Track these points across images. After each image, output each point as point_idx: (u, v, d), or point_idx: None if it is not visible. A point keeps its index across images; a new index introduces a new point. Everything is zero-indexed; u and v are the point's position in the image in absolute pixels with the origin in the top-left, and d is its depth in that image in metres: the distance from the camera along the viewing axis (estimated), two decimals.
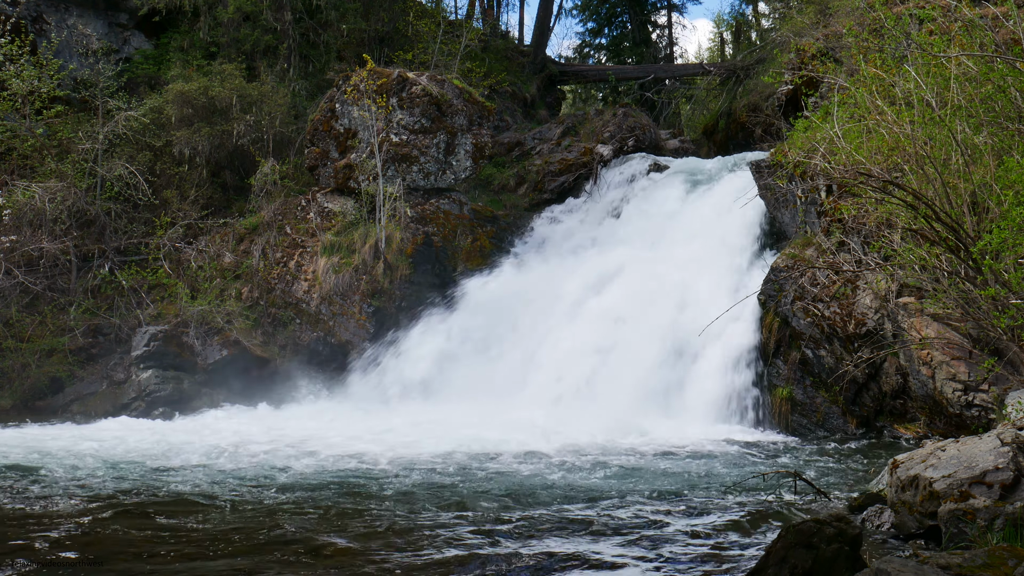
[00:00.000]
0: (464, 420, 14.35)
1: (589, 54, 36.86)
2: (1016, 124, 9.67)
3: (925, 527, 7.17)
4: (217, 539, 7.70)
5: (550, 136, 23.47)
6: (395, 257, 18.28)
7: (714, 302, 14.92)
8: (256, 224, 19.75)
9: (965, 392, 11.79)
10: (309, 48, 22.93)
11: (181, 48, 22.55)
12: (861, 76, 12.12)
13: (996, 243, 8.60)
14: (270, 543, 7.60)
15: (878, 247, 12.27)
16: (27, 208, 18.66)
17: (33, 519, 8.46)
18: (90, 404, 17.55)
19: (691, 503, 9.11)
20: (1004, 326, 8.94)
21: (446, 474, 10.79)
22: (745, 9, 36.39)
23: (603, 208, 20.88)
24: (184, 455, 12.12)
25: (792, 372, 14.32)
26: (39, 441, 13.39)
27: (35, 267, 18.44)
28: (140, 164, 20.03)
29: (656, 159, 21.97)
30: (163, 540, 7.68)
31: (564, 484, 10.15)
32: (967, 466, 7.14)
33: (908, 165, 10.06)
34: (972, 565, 4.81)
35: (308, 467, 11.27)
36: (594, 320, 16.73)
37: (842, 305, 13.87)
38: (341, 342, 18.23)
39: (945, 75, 10.25)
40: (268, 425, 15.11)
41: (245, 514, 8.72)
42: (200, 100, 20.33)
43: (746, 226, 17.13)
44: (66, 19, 21.10)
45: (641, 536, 7.79)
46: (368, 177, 18.96)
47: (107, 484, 10.20)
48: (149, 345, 17.92)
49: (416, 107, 19.14)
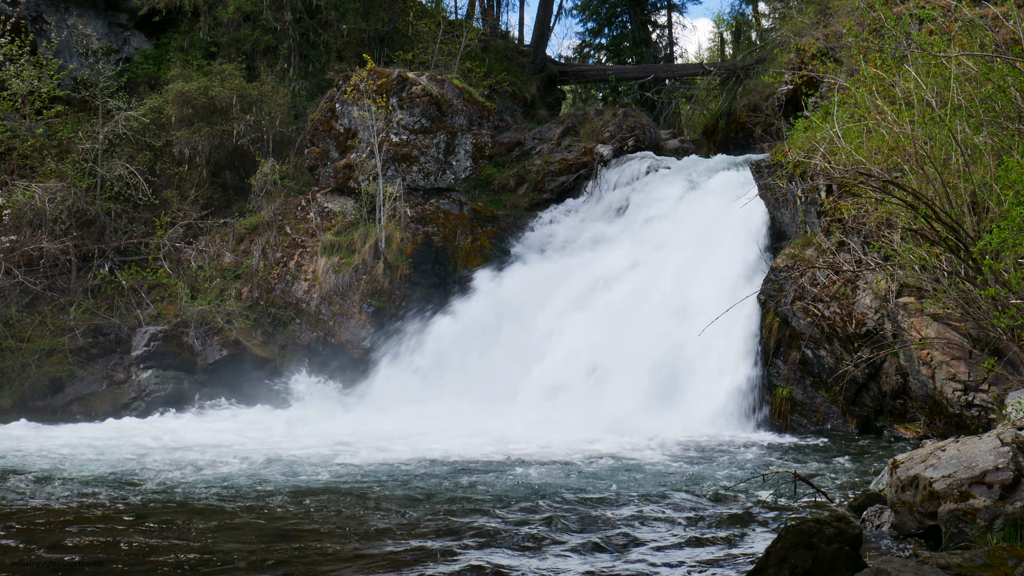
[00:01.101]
0: (460, 422, 14.34)
1: (589, 54, 36.86)
2: (1016, 124, 9.67)
3: (925, 527, 7.17)
4: (215, 540, 7.70)
5: (550, 136, 23.46)
6: (395, 257, 18.28)
7: (714, 302, 14.88)
8: (256, 224, 19.74)
9: (965, 392, 11.79)
10: (309, 48, 22.93)
11: (181, 48, 22.54)
12: (861, 76, 12.12)
13: (996, 243, 8.60)
14: (270, 543, 7.61)
15: (878, 247, 12.27)
16: (27, 208, 18.66)
17: (33, 519, 8.46)
18: (90, 404, 17.56)
19: (691, 503, 9.10)
20: (1004, 326, 8.94)
21: (455, 476, 10.79)
22: (745, 9, 36.39)
23: (603, 208, 20.87)
24: (181, 454, 12.12)
25: (792, 372, 14.32)
26: (39, 442, 13.40)
27: (35, 267, 18.45)
28: (140, 164, 20.04)
29: (656, 159, 21.95)
30: (163, 540, 7.67)
31: (558, 484, 10.14)
32: (967, 466, 7.14)
33: (908, 165, 10.06)
34: (972, 565, 4.81)
35: (321, 470, 11.27)
36: (594, 320, 16.72)
37: (842, 305, 13.86)
38: (341, 342, 18.22)
39: (945, 75, 10.24)
40: (266, 426, 15.11)
41: (245, 515, 8.71)
42: (200, 100, 20.33)
43: (746, 226, 17.11)
44: (66, 19, 21.09)
45: (640, 535, 7.79)
46: (368, 177, 18.96)
47: (105, 484, 10.19)
48: (149, 345, 17.92)
49: (416, 107, 19.14)
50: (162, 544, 7.51)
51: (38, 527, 8.13)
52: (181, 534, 7.87)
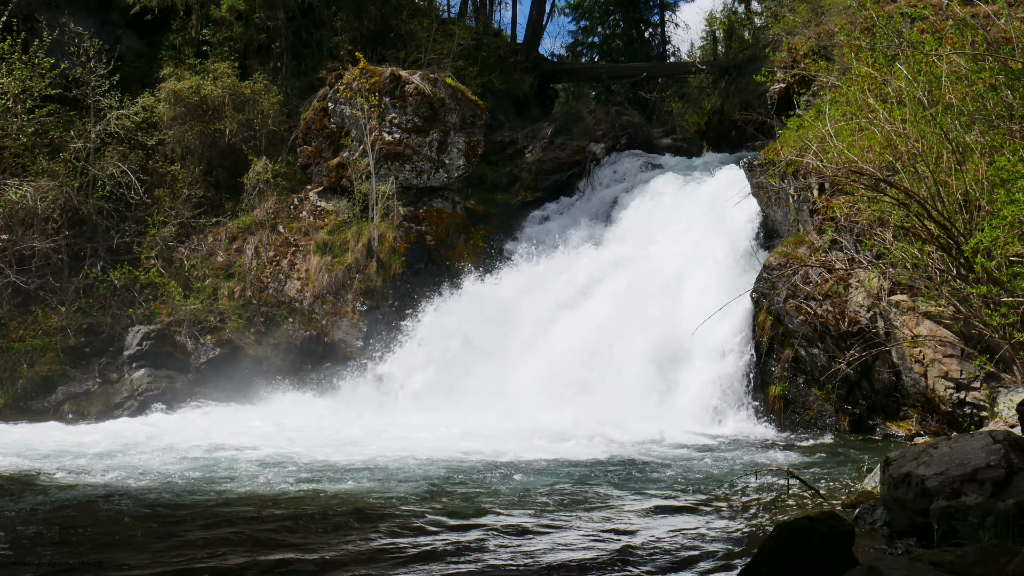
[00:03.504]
0: (458, 422, 14.34)
1: (582, 52, 36.84)
2: (1007, 122, 9.70)
3: (917, 524, 7.19)
4: (215, 539, 7.70)
5: (543, 134, 23.46)
6: (388, 256, 18.26)
7: (707, 300, 14.93)
8: (249, 223, 19.70)
9: (957, 390, 11.84)
10: (302, 47, 22.88)
11: (173, 46, 22.46)
12: (853, 74, 12.13)
13: (988, 241, 8.63)
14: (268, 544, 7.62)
15: (870, 245, 12.29)
16: (19, 207, 18.58)
17: (31, 520, 8.44)
18: (82, 403, 17.51)
19: (683, 501, 9.12)
20: (996, 324, 8.97)
21: (451, 473, 10.79)
22: (738, 7, 36.39)
23: (596, 206, 20.87)
24: (177, 454, 12.10)
25: (785, 370, 14.35)
26: (28, 441, 13.36)
27: (27, 266, 18.38)
28: (132, 163, 19.96)
29: (649, 157, 21.98)
30: (162, 541, 7.67)
31: (549, 483, 10.15)
32: (959, 464, 7.17)
33: (900, 163, 10.08)
34: (964, 562, 4.82)
35: (317, 466, 11.27)
36: (586, 318, 16.74)
37: (834, 303, 13.90)
38: (334, 341, 18.20)
39: (936, 73, 10.26)
40: (259, 423, 15.09)
41: (241, 512, 8.71)
42: (192, 99, 20.28)
43: (739, 224, 17.15)
44: (57, 17, 20.97)
45: (637, 533, 7.80)
46: (361, 176, 18.94)
47: (104, 483, 10.18)
48: (141, 344, 17.88)
49: (409, 106, 19.11)
50: (162, 544, 7.51)
51: (36, 528, 8.11)
52: (179, 533, 7.86)
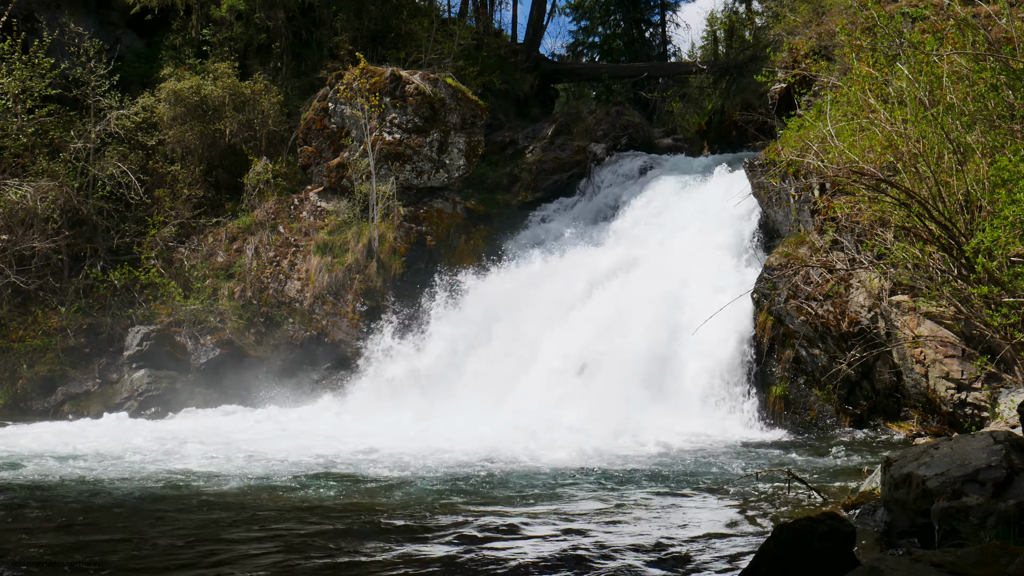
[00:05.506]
0: (457, 421, 14.33)
1: (582, 52, 36.82)
2: (1008, 122, 9.68)
3: (918, 525, 7.17)
4: (210, 538, 7.69)
5: (543, 134, 23.43)
6: (388, 256, 18.24)
7: (708, 300, 14.91)
8: (249, 223, 19.68)
9: (958, 390, 11.82)
10: (302, 47, 22.86)
11: (173, 46, 22.44)
12: (854, 75, 12.11)
13: (989, 241, 8.61)
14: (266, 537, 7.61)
15: (871, 245, 12.27)
16: (19, 207, 18.58)
17: (30, 520, 8.43)
18: (82, 404, 17.51)
19: (683, 501, 9.10)
20: (997, 324, 8.95)
21: (451, 473, 10.79)
22: (738, 7, 36.38)
23: (597, 206, 20.86)
24: (177, 454, 12.09)
25: (786, 370, 14.33)
26: (28, 442, 13.36)
27: (27, 266, 18.38)
28: (132, 163, 19.96)
29: (649, 157, 21.95)
30: (162, 540, 7.66)
31: (549, 483, 10.13)
32: (960, 464, 7.15)
33: (901, 163, 10.06)
34: (965, 563, 4.80)
35: (320, 469, 11.27)
36: (587, 318, 16.71)
37: (835, 304, 13.88)
38: (335, 341, 18.19)
39: (937, 73, 10.24)
40: (259, 423, 15.09)
41: (238, 511, 8.70)
42: (192, 99, 20.27)
43: (740, 224, 17.13)
44: (57, 17, 20.96)
45: (637, 532, 7.78)
46: (361, 176, 18.92)
47: (102, 484, 10.17)
48: (141, 345, 17.87)
49: (409, 106, 19.10)
50: (160, 542, 7.49)
51: (35, 527, 8.09)
52: (177, 531, 7.85)
